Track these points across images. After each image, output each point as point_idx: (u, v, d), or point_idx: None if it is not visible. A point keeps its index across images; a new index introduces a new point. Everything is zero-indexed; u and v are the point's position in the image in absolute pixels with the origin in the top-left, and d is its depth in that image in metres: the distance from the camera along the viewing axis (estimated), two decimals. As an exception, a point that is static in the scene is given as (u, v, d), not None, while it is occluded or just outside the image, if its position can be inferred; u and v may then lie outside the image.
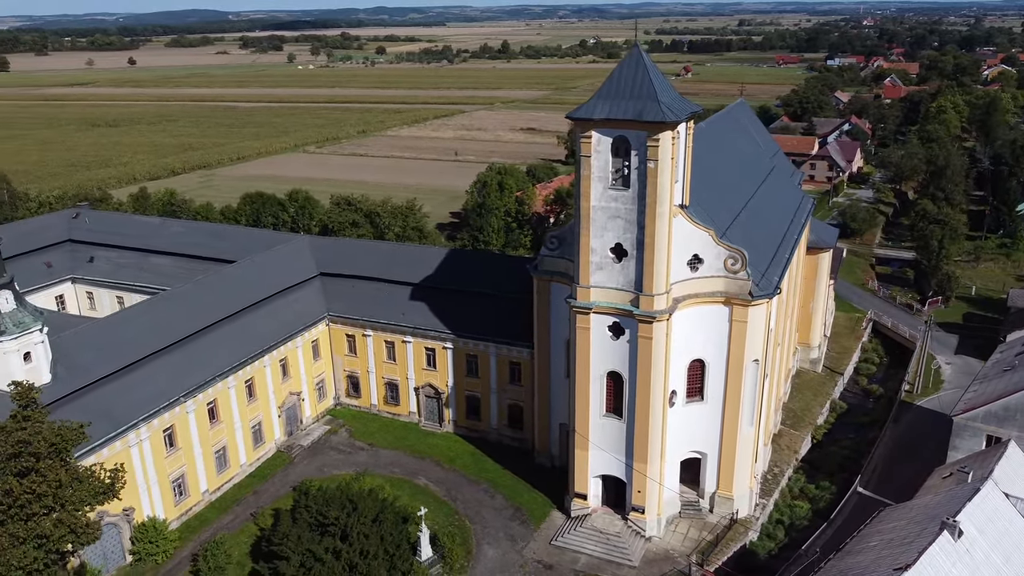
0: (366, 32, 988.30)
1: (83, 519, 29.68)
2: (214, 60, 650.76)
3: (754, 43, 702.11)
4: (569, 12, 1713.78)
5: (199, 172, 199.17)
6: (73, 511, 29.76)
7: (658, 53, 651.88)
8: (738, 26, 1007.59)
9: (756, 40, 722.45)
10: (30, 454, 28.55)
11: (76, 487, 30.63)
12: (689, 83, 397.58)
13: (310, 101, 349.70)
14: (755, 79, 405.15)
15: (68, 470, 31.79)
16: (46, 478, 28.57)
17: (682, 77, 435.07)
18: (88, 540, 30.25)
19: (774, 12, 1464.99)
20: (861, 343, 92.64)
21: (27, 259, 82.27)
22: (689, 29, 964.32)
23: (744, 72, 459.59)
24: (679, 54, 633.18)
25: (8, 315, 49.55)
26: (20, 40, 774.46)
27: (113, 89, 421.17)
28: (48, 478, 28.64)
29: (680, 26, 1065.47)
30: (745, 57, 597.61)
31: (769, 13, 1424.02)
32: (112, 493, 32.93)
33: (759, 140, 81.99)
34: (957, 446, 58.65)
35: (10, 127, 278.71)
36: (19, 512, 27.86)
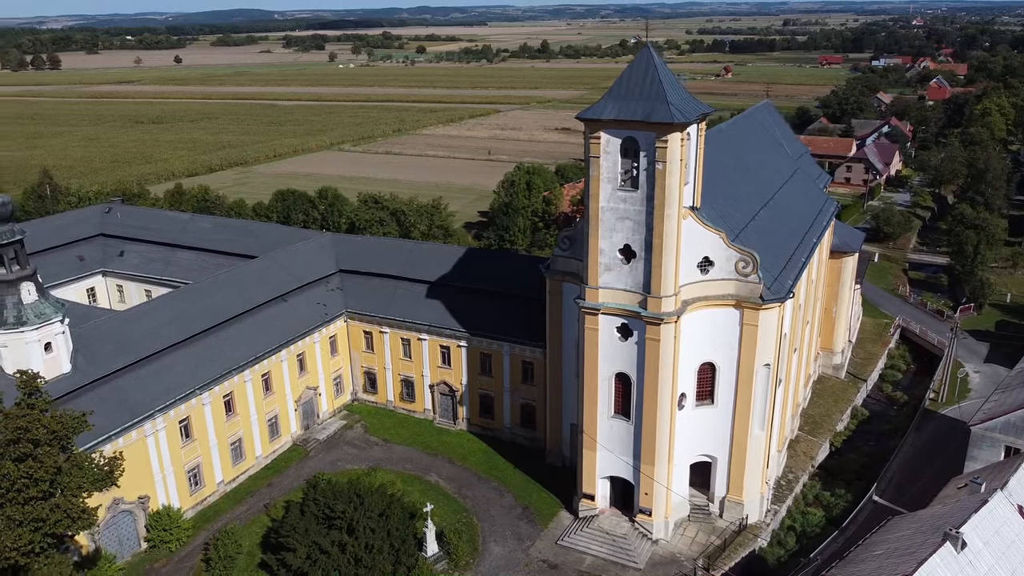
0: (408, 31, 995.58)
1: (80, 505, 30.64)
2: (257, 59, 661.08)
3: (798, 43, 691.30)
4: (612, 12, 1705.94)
5: (236, 169, 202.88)
6: (71, 497, 30.77)
7: (699, 53, 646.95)
8: (783, 26, 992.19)
9: (800, 40, 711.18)
10: (28, 440, 29.64)
11: (75, 474, 31.64)
12: (728, 84, 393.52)
13: (348, 100, 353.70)
14: (796, 80, 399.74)
15: (70, 457, 32.85)
16: (43, 464, 29.64)
17: (721, 78, 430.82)
18: (84, 526, 31.27)
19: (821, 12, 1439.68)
20: (888, 349, 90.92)
21: (61, 252, 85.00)
22: (732, 29, 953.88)
23: (785, 72, 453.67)
24: (720, 54, 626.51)
25: (30, 306, 51.15)
26: (72, 39, 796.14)
27: (158, 87, 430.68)
28: (45, 464, 29.71)
29: (723, 25, 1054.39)
30: (788, 57, 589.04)
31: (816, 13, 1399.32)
32: (110, 480, 33.97)
33: (784, 142, 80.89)
34: (975, 456, 57.41)
35: (58, 124, 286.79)
36: (16, 496, 28.93)
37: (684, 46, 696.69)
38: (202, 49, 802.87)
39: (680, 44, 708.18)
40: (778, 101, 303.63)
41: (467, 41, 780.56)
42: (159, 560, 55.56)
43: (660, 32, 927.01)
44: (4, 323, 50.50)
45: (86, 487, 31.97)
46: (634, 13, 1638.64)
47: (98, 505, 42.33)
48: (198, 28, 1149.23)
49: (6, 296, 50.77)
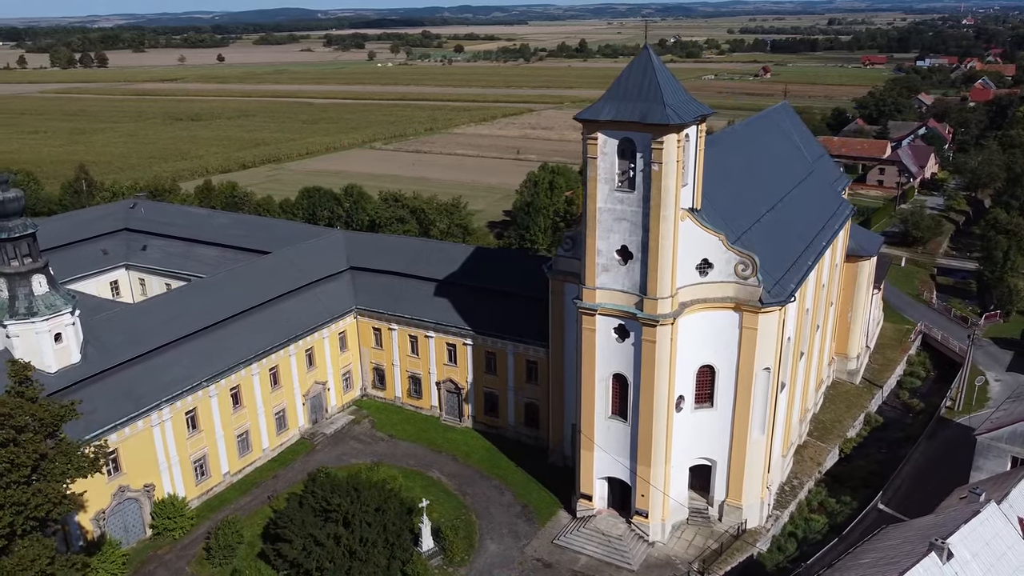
0: (447, 30, 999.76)
1: (61, 490, 31.72)
2: (298, 57, 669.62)
3: (841, 42, 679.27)
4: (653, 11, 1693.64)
5: (268, 166, 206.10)
6: (53, 482, 31.88)
7: (740, 53, 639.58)
8: (827, 25, 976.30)
9: (844, 40, 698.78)
10: (11, 427, 30.82)
11: (59, 460, 32.75)
12: (766, 84, 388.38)
13: (383, 98, 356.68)
14: (837, 80, 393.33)
15: (59, 444, 33.99)
16: (25, 450, 30.79)
17: (760, 78, 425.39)
18: (65, 510, 32.36)
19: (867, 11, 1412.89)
20: (907, 356, 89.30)
21: (86, 245, 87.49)
22: (775, 28, 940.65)
23: (826, 73, 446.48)
24: (761, 54, 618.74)
25: (41, 297, 52.81)
26: (120, 38, 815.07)
27: (200, 85, 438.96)
28: (27, 450, 30.86)
29: (766, 25, 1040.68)
30: (830, 57, 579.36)
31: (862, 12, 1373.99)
32: (95, 468, 35.02)
33: (801, 144, 79.86)
34: (980, 466, 56.23)
35: (101, 120, 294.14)
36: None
37: (724, 46, 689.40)
38: (245, 48, 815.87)
39: (720, 44, 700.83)
40: (816, 102, 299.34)
41: (506, 40, 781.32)
42: (162, 547, 56.97)
43: (701, 31, 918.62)
44: (15, 313, 52.23)
45: (70, 473, 33.05)
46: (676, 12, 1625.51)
47: (83, 491, 43.23)
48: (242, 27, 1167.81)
49: (18, 287, 52.51)
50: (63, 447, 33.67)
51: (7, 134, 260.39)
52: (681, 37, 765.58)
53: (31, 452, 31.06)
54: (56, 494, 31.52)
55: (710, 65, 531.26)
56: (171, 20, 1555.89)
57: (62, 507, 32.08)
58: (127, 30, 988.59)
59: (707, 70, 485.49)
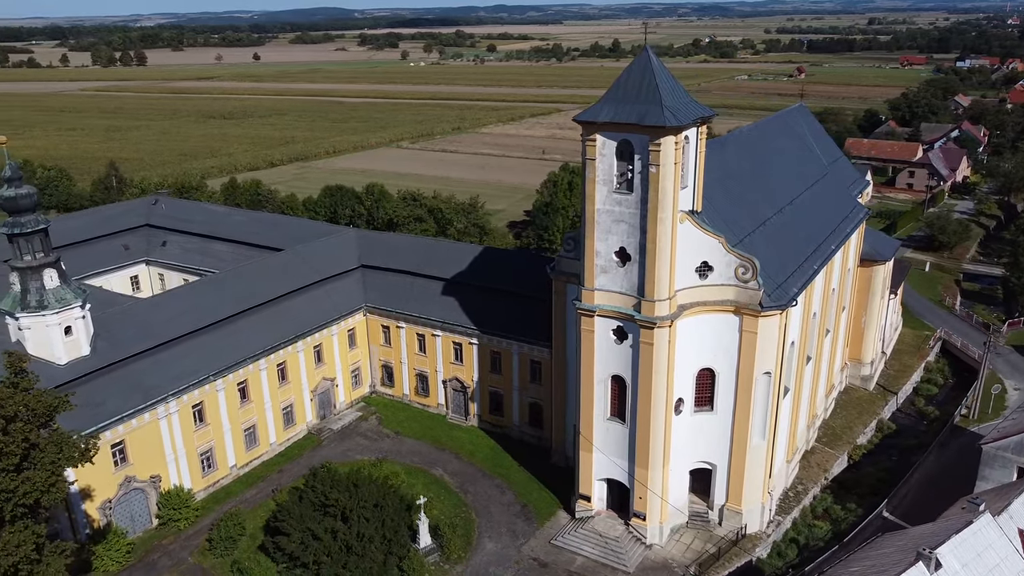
0: (482, 30, 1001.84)
1: (50, 479, 32.74)
2: (332, 56, 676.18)
3: (880, 43, 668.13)
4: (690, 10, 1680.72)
5: (295, 164, 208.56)
6: (43, 471, 32.88)
7: (775, 53, 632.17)
8: (867, 24, 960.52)
9: (883, 39, 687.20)
10: (1, 416, 31.87)
11: (50, 450, 33.77)
12: (799, 84, 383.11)
13: (413, 97, 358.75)
14: (873, 81, 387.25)
15: (52, 434, 35.08)
16: (15, 439, 31.83)
17: (794, 78, 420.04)
18: (53, 498, 33.37)
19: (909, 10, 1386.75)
20: (925, 362, 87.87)
21: (108, 241, 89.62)
22: (813, 28, 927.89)
23: (863, 73, 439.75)
24: (797, 54, 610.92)
25: (51, 291, 54.25)
26: (159, 36, 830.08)
27: (235, 83, 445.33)
28: (16, 439, 31.90)
29: (804, 24, 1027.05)
30: (868, 57, 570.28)
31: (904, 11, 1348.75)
32: (86, 458, 36.04)
33: (816, 146, 78.99)
34: (986, 476, 55.34)
35: (137, 117, 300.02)
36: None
37: (760, 45, 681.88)
38: (281, 47, 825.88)
39: (756, 44, 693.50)
40: (850, 103, 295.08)
41: (539, 40, 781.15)
42: (167, 537, 58.16)
43: (737, 31, 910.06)
44: (27, 306, 53.75)
45: (61, 463, 34.06)
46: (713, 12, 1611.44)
47: (70, 480, 43.73)
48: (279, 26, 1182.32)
49: (30, 281, 53.99)
50: (55, 437, 34.67)
51: (46, 131, 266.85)
52: (716, 37, 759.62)
53: (20, 441, 32.09)
54: (44, 482, 32.50)
55: (744, 65, 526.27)
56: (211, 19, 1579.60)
57: (50, 495, 33.05)
58: (167, 29, 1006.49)
59: (741, 70, 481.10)
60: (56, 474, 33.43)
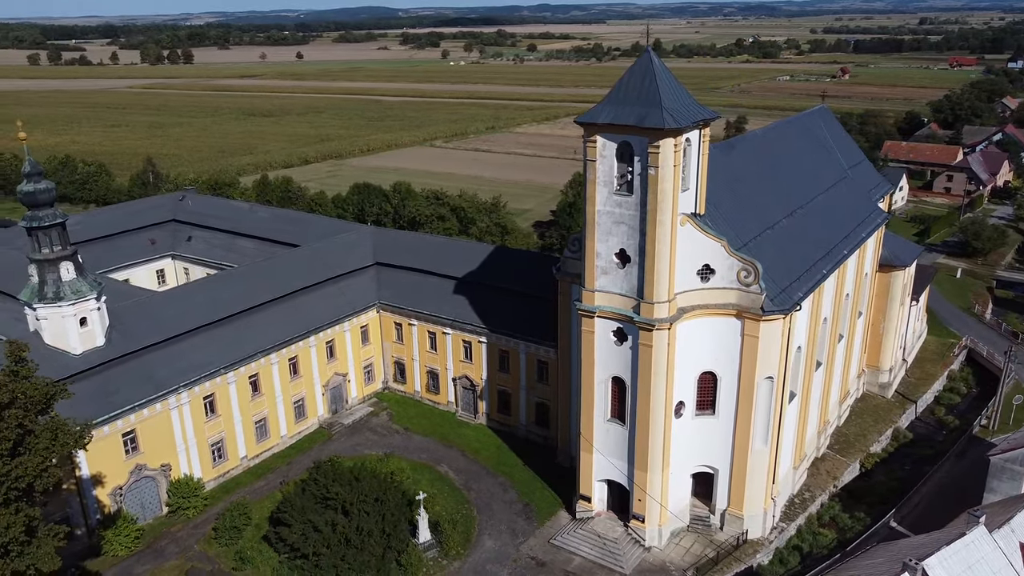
0: (523, 29, 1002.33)
1: (41, 464, 34.02)
2: (374, 55, 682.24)
3: (929, 43, 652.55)
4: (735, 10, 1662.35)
5: (329, 162, 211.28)
6: (37, 457, 34.19)
7: (820, 53, 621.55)
8: (918, 24, 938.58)
9: (933, 40, 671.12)
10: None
11: (44, 437, 35.10)
12: (842, 85, 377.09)
13: (450, 96, 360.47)
14: (919, 82, 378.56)
15: (49, 421, 36.48)
16: (8, 425, 33.16)
17: (837, 79, 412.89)
18: (47, 483, 34.69)
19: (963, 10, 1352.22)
20: (948, 371, 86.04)
21: (136, 235, 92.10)
22: (861, 28, 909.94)
23: (909, 74, 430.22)
24: (843, 54, 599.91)
25: (68, 283, 56.06)
26: (206, 35, 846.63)
27: (277, 81, 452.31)
28: (11, 425, 33.22)
29: (852, 24, 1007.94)
30: (916, 58, 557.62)
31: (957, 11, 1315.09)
32: (79, 445, 37.35)
33: (837, 149, 77.80)
34: (994, 488, 54.21)
35: (180, 115, 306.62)
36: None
37: (805, 46, 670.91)
38: (324, 45, 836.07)
39: (801, 44, 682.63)
40: (894, 104, 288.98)
41: (580, 39, 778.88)
42: (176, 525, 59.68)
43: (782, 31, 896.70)
44: (44, 298, 55.63)
45: (54, 449, 35.37)
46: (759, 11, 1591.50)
47: (63, 468, 45.16)
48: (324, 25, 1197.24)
49: (47, 273, 55.88)
50: (50, 424, 35.99)
51: (92, 126, 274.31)
52: (760, 36, 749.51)
53: (14, 427, 33.40)
54: (35, 467, 33.80)
55: (787, 66, 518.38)
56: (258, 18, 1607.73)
57: (42, 480, 34.35)
58: (215, 27, 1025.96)
59: (783, 71, 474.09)
60: (49, 460, 34.62)
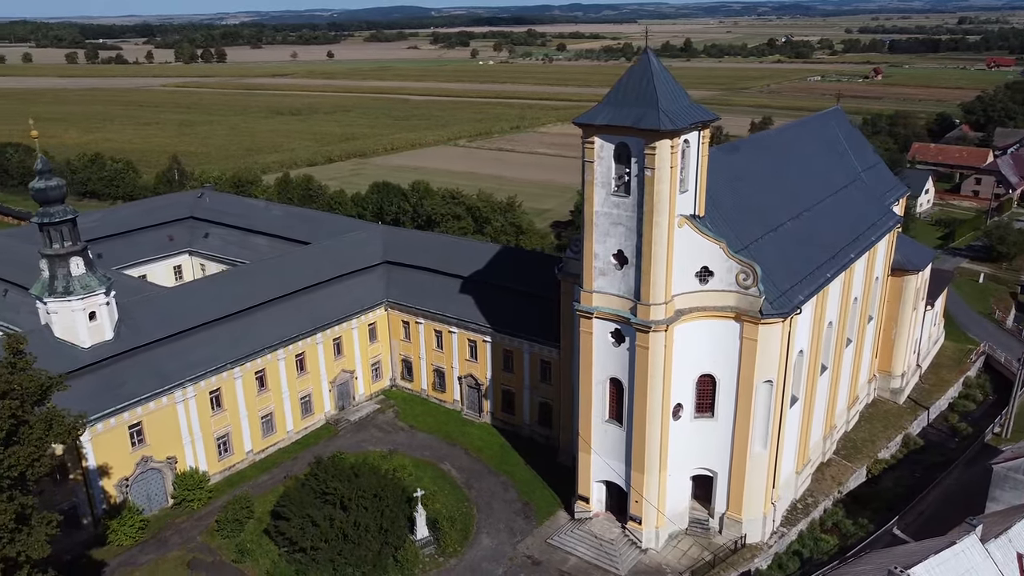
0: (554, 29, 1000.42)
1: (33, 454, 35.00)
2: (404, 55, 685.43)
3: (968, 43, 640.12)
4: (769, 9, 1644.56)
5: (353, 160, 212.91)
6: (29, 447, 35.20)
7: (854, 53, 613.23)
8: (956, 24, 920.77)
9: (971, 40, 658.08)
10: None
11: (38, 427, 36.10)
12: (875, 86, 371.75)
13: (477, 96, 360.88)
14: (954, 83, 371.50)
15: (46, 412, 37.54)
16: (1, 415, 34.15)
17: (870, 79, 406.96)
18: (39, 472, 35.67)
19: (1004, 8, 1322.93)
20: (964, 377, 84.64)
21: (155, 231, 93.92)
22: (898, 27, 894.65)
23: (945, 75, 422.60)
24: (877, 54, 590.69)
25: (77, 278, 57.36)
26: (240, 34, 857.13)
27: (307, 80, 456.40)
28: (3, 415, 34.21)
29: (889, 24, 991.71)
30: (953, 58, 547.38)
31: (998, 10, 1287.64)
32: (73, 436, 38.30)
33: (850, 151, 76.89)
34: (997, 497, 53.30)
35: (210, 113, 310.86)
36: (-30, 441, 33.84)
37: (838, 45, 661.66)
38: (355, 44, 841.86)
39: (834, 43, 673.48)
40: (927, 106, 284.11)
41: (610, 39, 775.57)
42: (181, 517, 60.78)
43: (816, 30, 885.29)
44: (54, 292, 57.00)
45: (47, 439, 36.37)
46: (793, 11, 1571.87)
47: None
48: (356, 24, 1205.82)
49: (57, 268, 57.23)
50: (45, 415, 37.00)
51: (123, 124, 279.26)
52: (793, 36, 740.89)
53: (7, 417, 34.40)
54: (27, 457, 34.79)
55: (819, 66, 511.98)
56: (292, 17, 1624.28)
57: (34, 469, 35.34)
58: (249, 27, 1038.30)
59: (815, 71, 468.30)
60: (41, 450, 35.58)
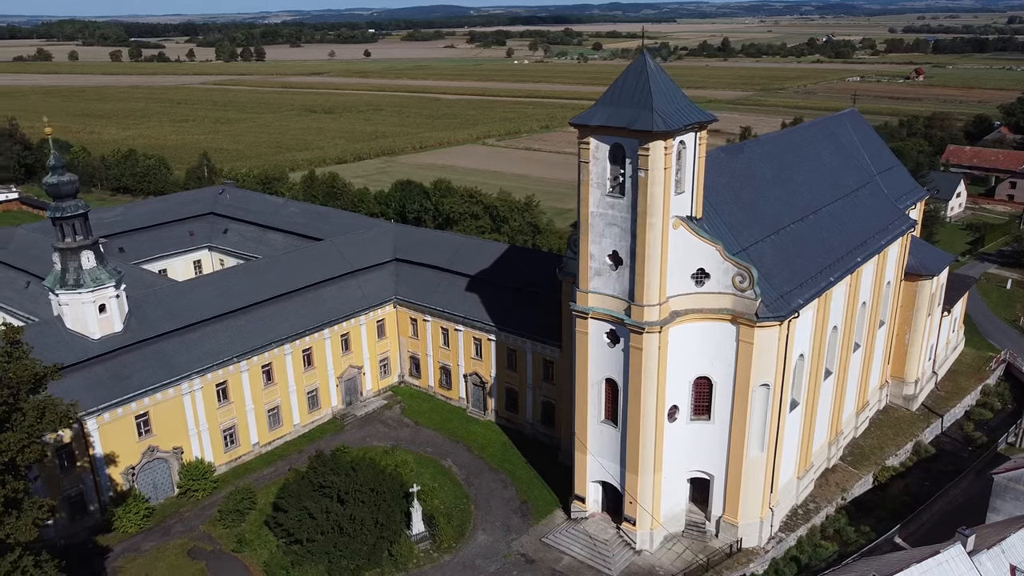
0: (591, 28, 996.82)
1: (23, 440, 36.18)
2: (440, 53, 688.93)
3: (1016, 43, 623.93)
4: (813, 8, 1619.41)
5: (381, 158, 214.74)
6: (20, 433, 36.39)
7: (897, 53, 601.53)
8: (1006, 23, 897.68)
9: (1020, 40, 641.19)
10: (-19, 382, 35.69)
11: (31, 415, 37.33)
12: (915, 87, 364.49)
13: (509, 95, 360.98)
14: (998, 84, 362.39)
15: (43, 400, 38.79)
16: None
17: (911, 80, 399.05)
18: (28, 458, 36.84)
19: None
20: (983, 385, 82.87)
21: (177, 226, 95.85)
22: (944, 27, 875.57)
23: (988, 76, 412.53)
24: (921, 54, 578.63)
25: (88, 271, 58.97)
26: (279, 33, 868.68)
27: (342, 79, 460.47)
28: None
29: (935, 23, 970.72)
30: (1000, 58, 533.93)
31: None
32: (64, 424, 39.51)
33: (866, 153, 75.77)
34: (997, 508, 52.26)
35: (245, 111, 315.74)
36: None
37: (881, 45, 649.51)
38: (393, 43, 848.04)
39: (877, 43, 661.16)
40: (968, 107, 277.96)
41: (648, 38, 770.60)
42: (185, 506, 62.15)
43: (859, 30, 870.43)
44: (65, 284, 58.67)
45: (39, 428, 37.58)
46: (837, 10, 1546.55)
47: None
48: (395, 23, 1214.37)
49: (69, 261, 58.91)
50: (38, 403, 38.23)
51: (160, 121, 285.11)
52: (834, 36, 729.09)
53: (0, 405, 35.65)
54: (17, 443, 35.99)
55: (860, 66, 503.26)
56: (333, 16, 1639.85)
57: (24, 455, 36.53)
58: (289, 25, 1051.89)
59: (854, 71, 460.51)
60: (32, 437, 36.78)
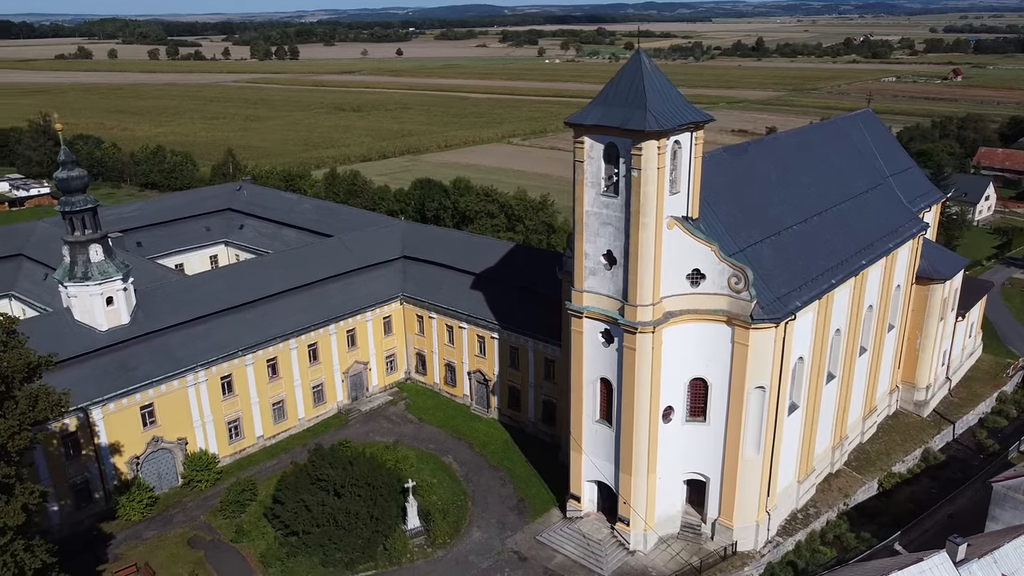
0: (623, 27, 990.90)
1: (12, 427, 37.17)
2: (472, 52, 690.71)
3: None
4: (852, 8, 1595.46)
5: (406, 156, 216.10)
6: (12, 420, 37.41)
7: (937, 53, 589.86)
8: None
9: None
10: (-27, 371, 36.74)
11: (24, 403, 38.35)
12: (953, 88, 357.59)
13: (537, 94, 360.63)
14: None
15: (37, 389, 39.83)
16: (-15, 391, 36.60)
17: (949, 81, 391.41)
18: (20, 444, 37.84)
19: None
20: (999, 392, 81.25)
21: (195, 222, 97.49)
22: (987, 27, 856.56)
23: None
24: (961, 55, 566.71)
25: (96, 264, 60.32)
26: (313, 32, 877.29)
27: (373, 77, 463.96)
28: (-13, 392, 36.65)
29: (978, 23, 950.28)
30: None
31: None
32: (56, 412, 40.48)
33: (879, 154, 74.66)
34: (996, 516, 51.31)
35: (274, 108, 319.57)
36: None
37: (920, 45, 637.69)
38: (425, 42, 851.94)
39: (916, 43, 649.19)
40: (1004, 109, 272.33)
41: (681, 38, 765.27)
42: (189, 496, 63.31)
43: (899, 29, 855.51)
44: (74, 277, 60.09)
45: (31, 416, 38.59)
46: (877, 9, 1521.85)
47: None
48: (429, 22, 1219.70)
49: (77, 254, 60.32)
50: (31, 391, 39.26)
51: (192, 118, 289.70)
52: (872, 35, 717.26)
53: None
54: (7, 430, 37.01)
55: (897, 66, 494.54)
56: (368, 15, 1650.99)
57: (14, 442, 37.53)
58: (325, 24, 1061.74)
59: (891, 71, 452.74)
60: (23, 424, 37.79)
